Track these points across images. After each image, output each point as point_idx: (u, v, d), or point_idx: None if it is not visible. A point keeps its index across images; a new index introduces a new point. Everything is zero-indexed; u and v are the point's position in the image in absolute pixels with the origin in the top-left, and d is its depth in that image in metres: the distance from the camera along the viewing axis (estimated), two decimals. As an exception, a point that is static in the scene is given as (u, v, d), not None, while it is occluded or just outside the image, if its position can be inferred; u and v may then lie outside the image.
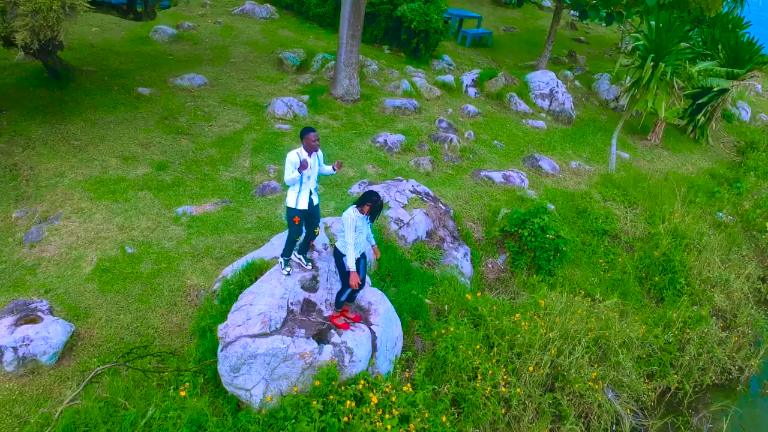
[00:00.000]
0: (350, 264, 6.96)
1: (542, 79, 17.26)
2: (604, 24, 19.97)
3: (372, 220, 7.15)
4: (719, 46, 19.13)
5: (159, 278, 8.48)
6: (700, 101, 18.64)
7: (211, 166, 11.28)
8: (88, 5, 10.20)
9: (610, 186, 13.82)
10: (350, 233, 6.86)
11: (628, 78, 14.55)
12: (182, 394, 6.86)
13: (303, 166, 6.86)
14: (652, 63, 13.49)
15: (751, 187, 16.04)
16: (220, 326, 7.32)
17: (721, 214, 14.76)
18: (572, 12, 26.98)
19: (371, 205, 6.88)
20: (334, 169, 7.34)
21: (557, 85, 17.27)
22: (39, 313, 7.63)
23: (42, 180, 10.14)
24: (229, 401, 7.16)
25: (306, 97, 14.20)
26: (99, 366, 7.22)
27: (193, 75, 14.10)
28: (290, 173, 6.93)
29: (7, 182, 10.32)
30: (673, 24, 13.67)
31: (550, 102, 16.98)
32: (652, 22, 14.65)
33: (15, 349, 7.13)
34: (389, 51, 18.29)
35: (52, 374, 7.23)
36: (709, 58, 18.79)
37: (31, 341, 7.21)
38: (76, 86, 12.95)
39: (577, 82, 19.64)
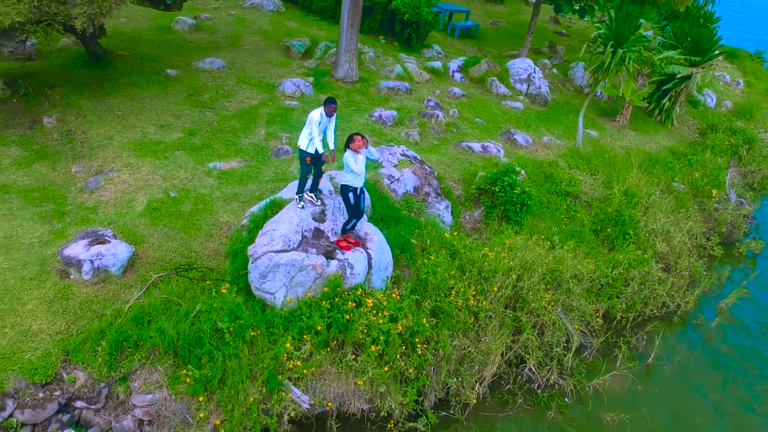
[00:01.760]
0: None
1: (521, 65, 19.34)
2: (585, 18, 22.08)
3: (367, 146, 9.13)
4: (685, 38, 21.19)
5: (197, 216, 10.56)
6: (665, 87, 20.74)
7: (232, 133, 13.34)
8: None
9: (575, 157, 15.90)
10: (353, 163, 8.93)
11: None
12: (223, 291, 8.96)
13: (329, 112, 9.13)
14: (611, 49, 15.58)
15: (704, 162, 18.15)
16: (250, 247, 9.40)
17: (675, 183, 16.87)
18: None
19: (359, 137, 8.89)
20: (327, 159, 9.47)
21: (534, 71, 19.34)
22: (106, 237, 9.70)
23: (94, 142, 12.20)
24: (257, 303, 9.24)
25: (311, 79, 16.28)
26: (156, 275, 9.30)
27: (213, 59, 16.15)
28: (307, 133, 9.05)
29: (64, 144, 12.39)
30: (630, 15, 15.74)
31: (528, 86, 19.06)
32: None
33: (91, 261, 9.20)
34: (384, 41, 20.35)
35: (119, 282, 9.30)
36: (676, 49, 20.97)
37: (103, 256, 9.28)
38: (113, 68, 14.98)
39: (554, 70, 21.70)
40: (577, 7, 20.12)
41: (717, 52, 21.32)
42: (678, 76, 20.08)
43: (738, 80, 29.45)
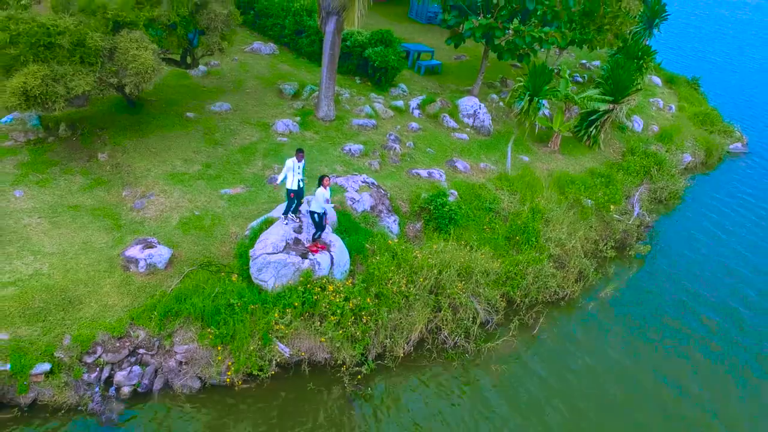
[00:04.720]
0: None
1: (468, 103, 23.98)
2: (521, 64, 26.71)
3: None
4: (609, 76, 25.65)
5: (214, 228, 15.19)
6: (591, 117, 25.37)
7: (237, 165, 17.96)
8: (165, 66, 16.90)
9: (502, 179, 20.51)
10: (321, 197, 13.50)
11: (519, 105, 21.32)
12: (233, 279, 13.60)
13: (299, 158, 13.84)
14: (529, 98, 20.25)
15: (611, 181, 22.75)
16: (251, 250, 14.02)
17: (585, 200, 21.49)
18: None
19: (326, 178, 13.49)
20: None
21: (480, 107, 23.98)
22: (153, 243, 14.33)
23: (138, 173, 16.81)
24: (255, 288, 13.84)
25: (298, 119, 20.91)
26: (188, 269, 13.93)
27: (221, 103, 20.76)
28: (283, 172, 13.65)
29: (115, 174, 17.00)
30: (544, 71, 20.40)
31: (474, 120, 23.69)
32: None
33: (145, 260, 13.83)
34: (360, 81, 24.98)
35: (163, 274, 13.91)
36: (600, 87, 25.62)
37: (152, 256, 13.90)
38: (145, 112, 19.59)
39: (501, 103, 26.30)
40: (517, 54, 24.66)
41: (634, 91, 25.94)
42: (600, 110, 24.74)
43: (671, 105, 34.00)
